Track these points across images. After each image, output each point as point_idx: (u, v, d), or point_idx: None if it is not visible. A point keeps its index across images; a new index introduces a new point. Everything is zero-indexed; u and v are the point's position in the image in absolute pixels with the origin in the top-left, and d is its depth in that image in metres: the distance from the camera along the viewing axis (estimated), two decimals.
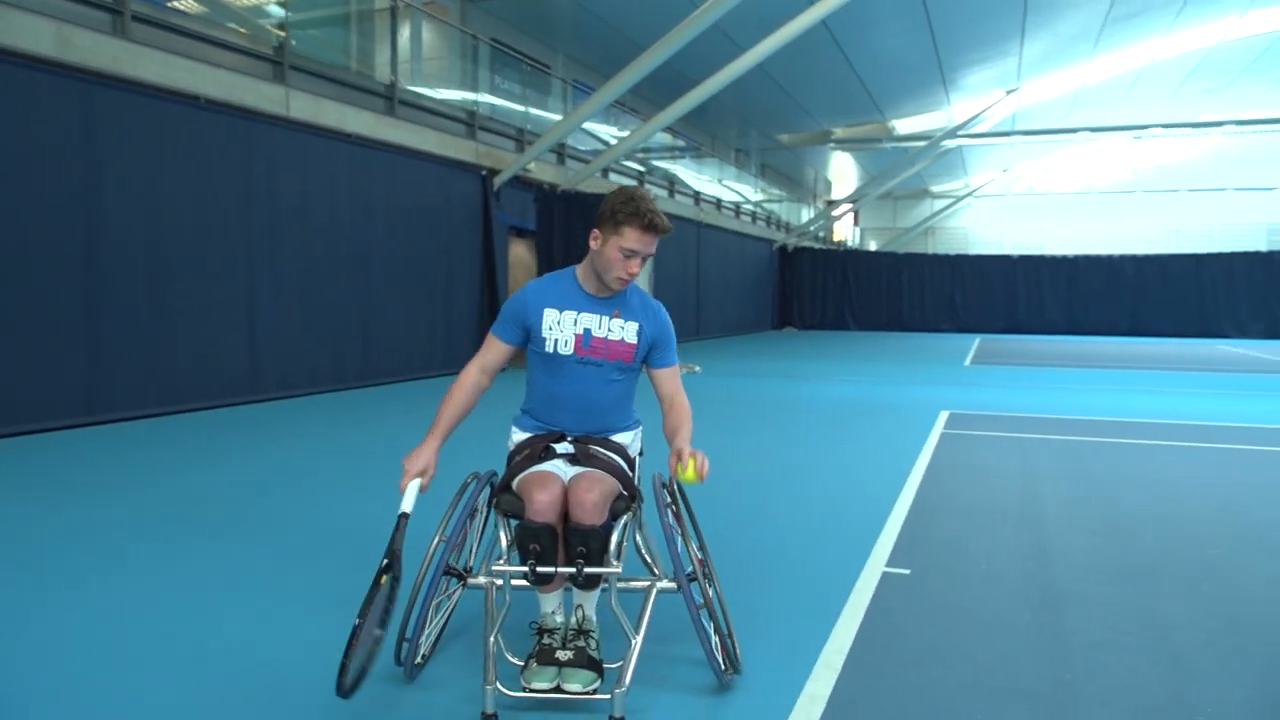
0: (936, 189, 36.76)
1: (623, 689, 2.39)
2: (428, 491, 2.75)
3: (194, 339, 8.19)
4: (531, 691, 2.48)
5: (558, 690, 2.48)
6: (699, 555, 2.69)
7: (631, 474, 2.76)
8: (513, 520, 2.66)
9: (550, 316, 2.75)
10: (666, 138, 20.38)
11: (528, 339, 2.80)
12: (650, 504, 2.86)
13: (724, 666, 2.59)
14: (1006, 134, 25.72)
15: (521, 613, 2.91)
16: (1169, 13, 19.73)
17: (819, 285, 27.60)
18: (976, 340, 22.63)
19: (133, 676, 2.76)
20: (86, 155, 7.23)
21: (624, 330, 2.76)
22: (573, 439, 2.77)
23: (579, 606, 2.63)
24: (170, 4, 8.72)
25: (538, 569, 2.49)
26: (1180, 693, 2.74)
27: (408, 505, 2.68)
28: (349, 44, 11.11)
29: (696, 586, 2.58)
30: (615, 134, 17.05)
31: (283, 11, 9.76)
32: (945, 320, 26.88)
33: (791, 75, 19.46)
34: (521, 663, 2.61)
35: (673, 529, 2.57)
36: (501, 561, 2.58)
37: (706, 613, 2.55)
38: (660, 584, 2.75)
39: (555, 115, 15.33)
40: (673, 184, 20.20)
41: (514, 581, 2.66)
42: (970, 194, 35.62)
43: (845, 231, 37.44)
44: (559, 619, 2.65)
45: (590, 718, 2.49)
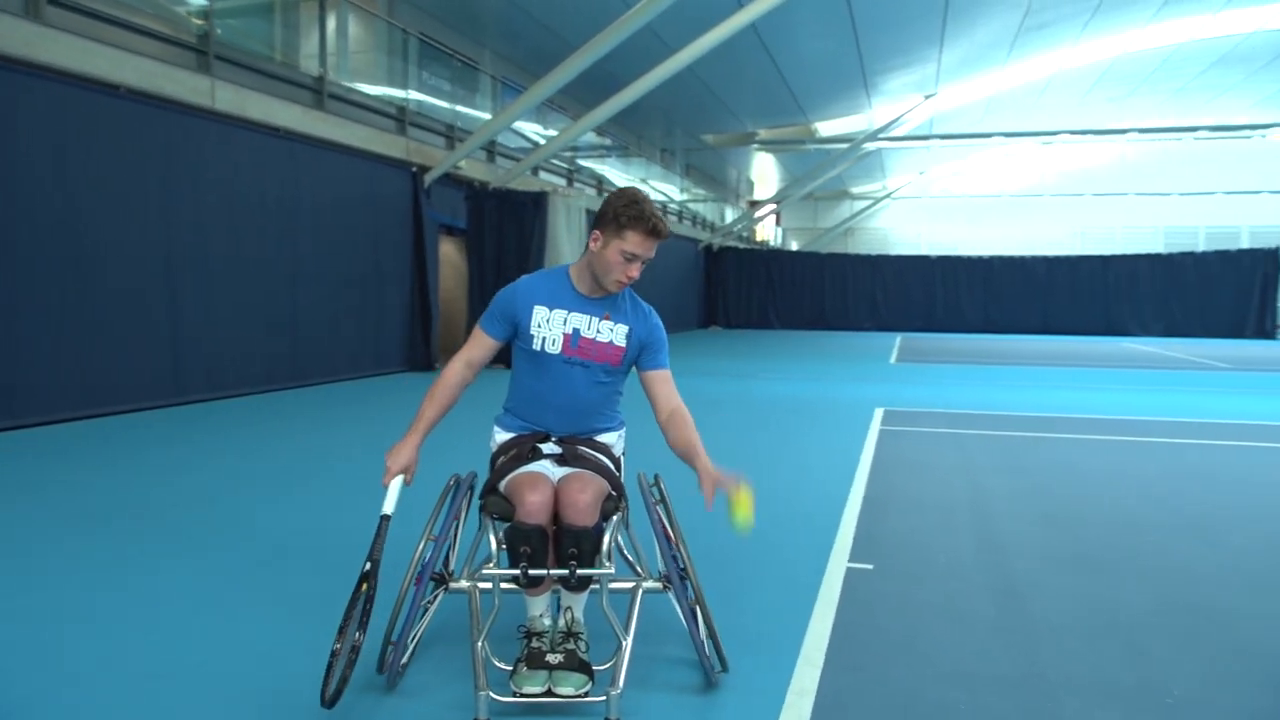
0: (856, 190, 37.53)
1: (617, 690, 2.36)
2: (410, 485, 2.71)
3: (113, 339, 7.81)
4: (523, 696, 2.43)
5: (549, 694, 2.44)
6: (688, 555, 2.67)
7: (618, 474, 2.73)
8: (500, 522, 2.60)
9: (539, 314, 2.70)
10: (593, 136, 20.33)
11: (514, 335, 2.74)
12: (635, 504, 2.84)
13: (718, 665, 2.58)
14: (925, 138, 26.42)
15: (503, 616, 2.85)
16: (1077, 24, 20.56)
17: (744, 284, 27.91)
18: (898, 338, 23.19)
19: (99, 696, 2.61)
20: None
21: (613, 333, 2.73)
22: (557, 439, 2.72)
23: (567, 609, 2.59)
24: None
25: (530, 571, 2.44)
26: (1146, 676, 2.84)
27: (389, 506, 2.64)
28: (276, 34, 10.76)
29: (689, 586, 2.57)
30: (541, 132, 16.94)
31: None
32: (867, 319, 27.47)
33: (718, 76, 19.62)
34: (509, 667, 2.56)
35: (663, 528, 2.55)
36: (491, 564, 2.52)
37: (699, 611, 2.54)
38: (646, 584, 2.73)
39: (484, 112, 15.15)
40: (601, 183, 20.17)
41: (502, 585, 2.62)
42: (888, 195, 36.47)
43: (768, 231, 37.95)
44: (546, 622, 2.61)
45: None
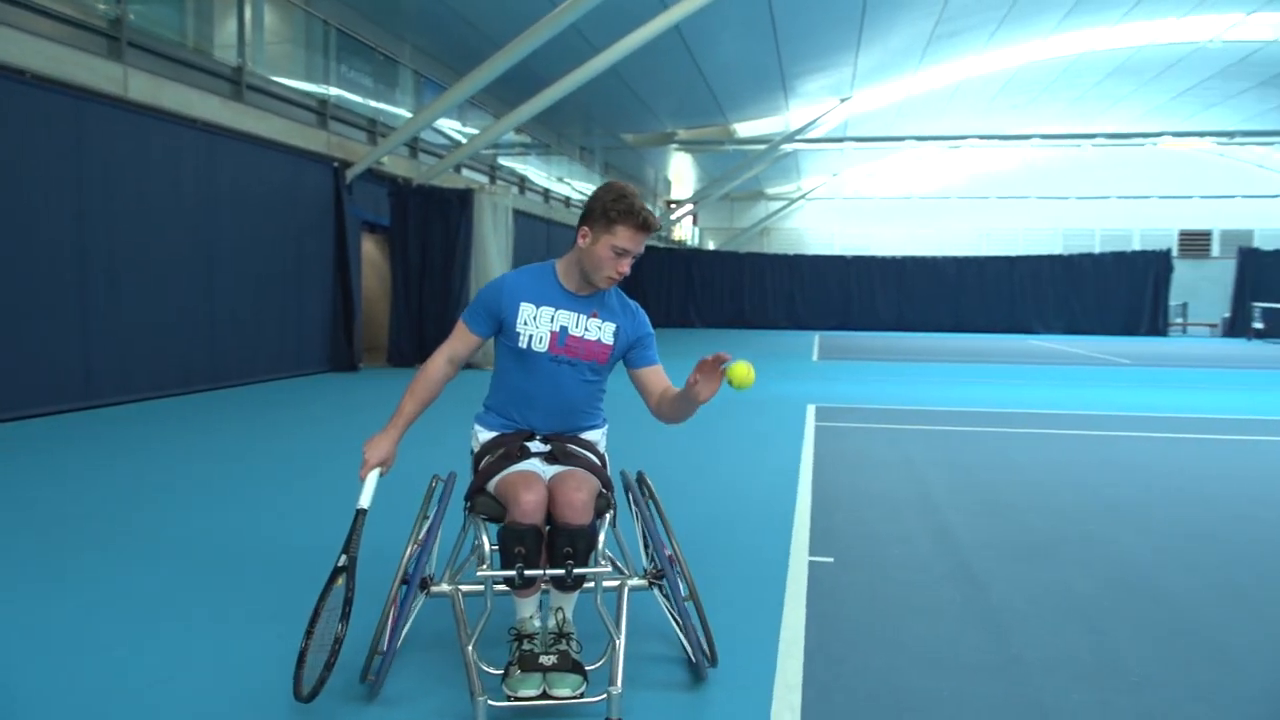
0: (771, 191, 38.11)
1: (618, 690, 2.34)
2: (386, 475, 2.67)
3: (18, 339, 7.38)
4: (518, 700, 2.38)
5: (545, 697, 2.39)
6: (679, 550, 2.65)
7: (606, 472, 2.70)
8: (490, 523, 2.54)
9: (526, 311, 2.65)
10: (513, 134, 20.13)
11: (499, 332, 2.68)
12: (620, 502, 2.82)
13: (709, 660, 2.58)
14: (840, 140, 26.99)
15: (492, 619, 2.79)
16: (985, 33, 21.31)
17: (664, 284, 28.07)
18: (816, 336, 23.65)
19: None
20: None
21: (601, 331, 2.69)
22: (543, 437, 2.67)
23: (558, 609, 2.55)
24: None
25: (526, 572, 2.38)
26: (1109, 657, 2.95)
27: (366, 500, 2.60)
28: (189, 22, 10.33)
29: (681, 581, 2.56)
30: (460, 129, 16.71)
31: None
32: (784, 318, 27.93)
33: (640, 76, 19.67)
34: (498, 671, 2.50)
35: (654, 522, 2.54)
36: (485, 567, 2.46)
37: (691, 606, 2.53)
38: (632, 581, 2.71)
39: (405, 108, 14.85)
40: (523, 181, 19.99)
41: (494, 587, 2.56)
42: (803, 196, 37.15)
43: (685, 231, 38.24)
44: (537, 623, 2.56)
45: None
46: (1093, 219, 33.61)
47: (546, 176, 22.29)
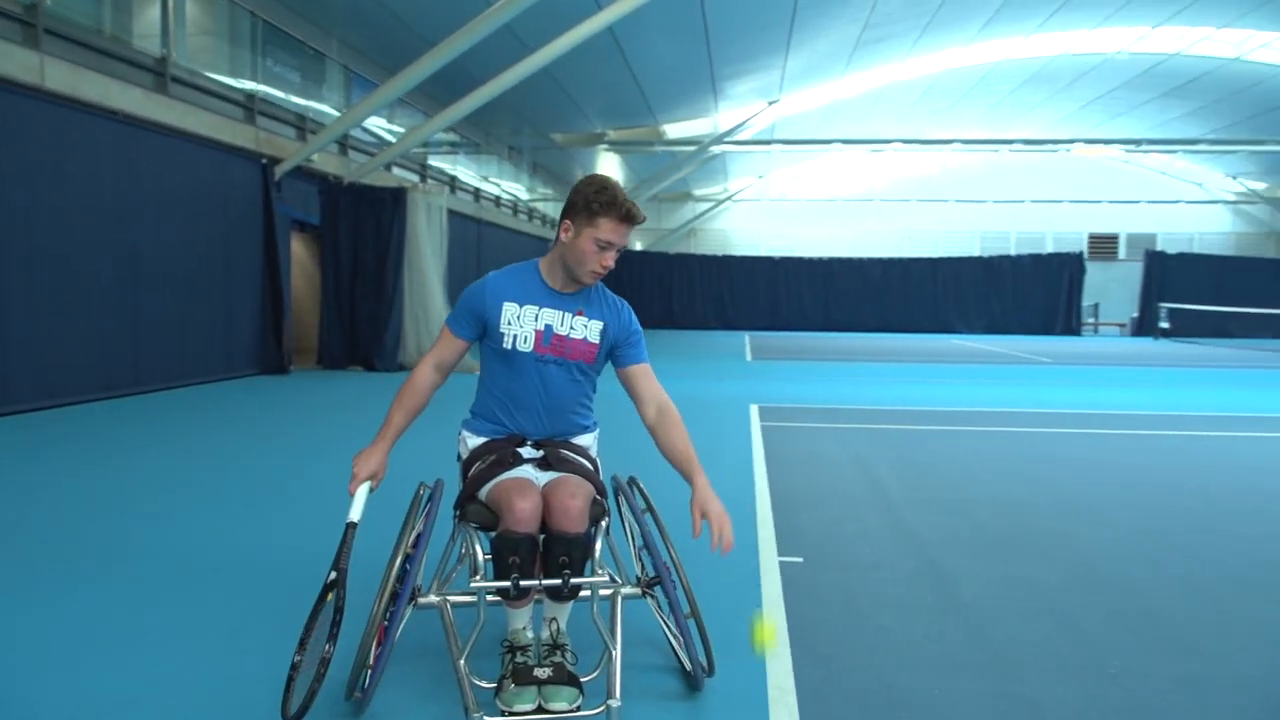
0: (698, 192, 38.34)
1: (618, 702, 2.28)
2: (376, 489, 2.58)
3: None
4: (513, 715, 2.30)
5: (540, 710, 2.32)
6: (676, 557, 2.61)
7: (600, 477, 2.64)
8: (483, 532, 2.46)
9: (509, 311, 2.58)
10: (442, 133, 19.82)
11: (483, 334, 2.60)
12: (612, 508, 2.76)
13: (706, 670, 2.54)
14: (768, 142, 27.29)
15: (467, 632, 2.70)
16: (909, 40, 21.81)
17: None
18: (746, 337, 23.88)
19: None
20: None
21: (587, 329, 2.63)
22: (534, 442, 2.60)
23: (552, 620, 2.48)
24: None
25: (522, 582, 2.31)
26: (1086, 650, 3.01)
27: (356, 513, 2.51)
28: (110, 9, 9.86)
29: (679, 591, 2.51)
30: (387, 126, 16.37)
31: None
32: (714, 318, 28.14)
33: (571, 76, 19.57)
34: (491, 685, 2.43)
35: (651, 533, 2.49)
36: (479, 577, 2.37)
37: (688, 613, 2.49)
38: (625, 590, 2.66)
39: (334, 104, 14.48)
40: (453, 181, 19.70)
41: (468, 598, 2.48)
42: (730, 198, 37.47)
43: None
44: (529, 635, 2.49)
45: None
46: (1008, 222, 34.69)
47: (475, 176, 22.00)
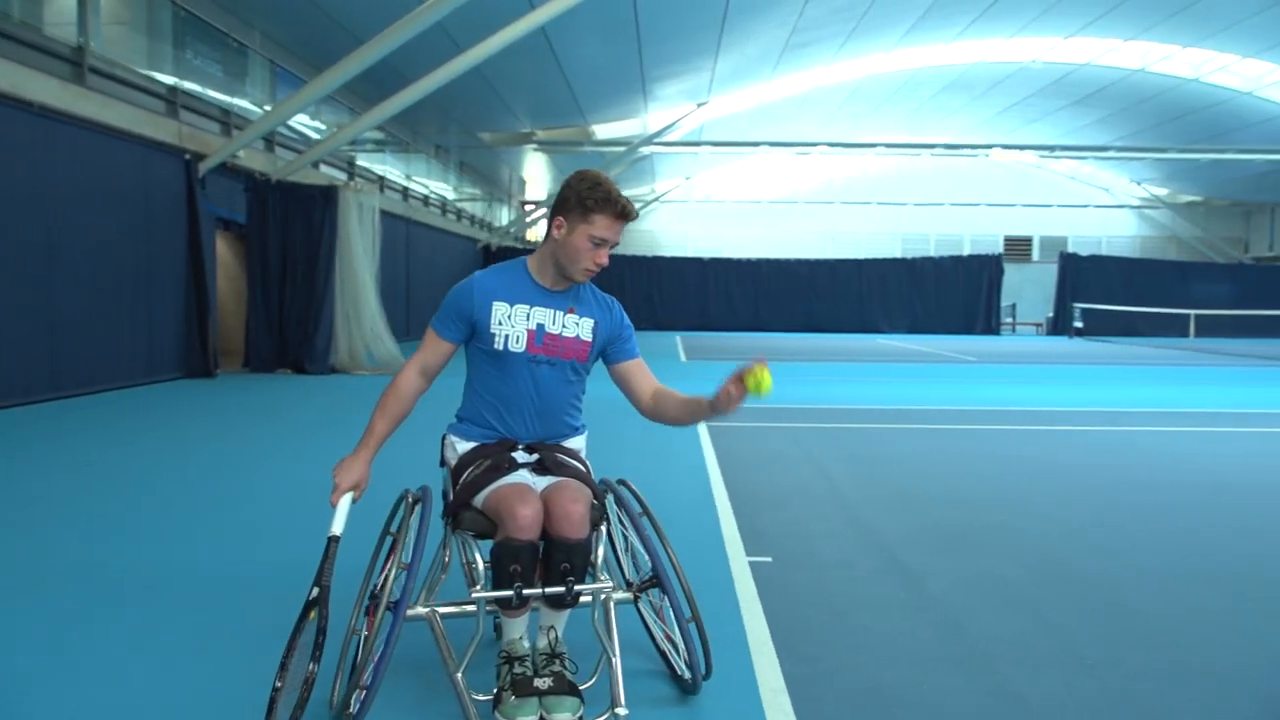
0: (625, 193, 38.14)
1: (625, 710, 2.24)
2: (359, 500, 2.47)
3: None
4: None
5: None
6: (676, 560, 2.57)
7: (594, 481, 2.59)
8: (480, 540, 2.39)
9: (499, 311, 2.51)
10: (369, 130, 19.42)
11: (471, 336, 2.53)
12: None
13: (706, 671, 2.51)
14: (697, 144, 27.48)
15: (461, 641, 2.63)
16: (834, 45, 22.23)
17: None
18: (677, 337, 23.99)
19: None
20: None
21: (579, 327, 2.58)
22: (526, 446, 2.54)
23: (550, 628, 2.42)
24: None
25: (525, 591, 2.25)
26: (1061, 642, 3.08)
27: (338, 526, 2.39)
28: None
29: (681, 591, 2.48)
30: (308, 123, 15.96)
31: None
32: (644, 318, 28.16)
33: (502, 75, 19.38)
34: (487, 698, 2.36)
35: (650, 536, 2.45)
36: (478, 587, 2.30)
37: (689, 617, 2.46)
38: (617, 595, 2.61)
39: (259, 99, 14.04)
40: (382, 179, 19.31)
41: (461, 608, 2.41)
42: (657, 199, 37.62)
43: (539, 232, 37.98)
44: (526, 644, 2.43)
45: None
46: (928, 224, 35.66)
47: (403, 175, 21.61)
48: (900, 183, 34.77)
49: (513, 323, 2.51)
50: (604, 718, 2.28)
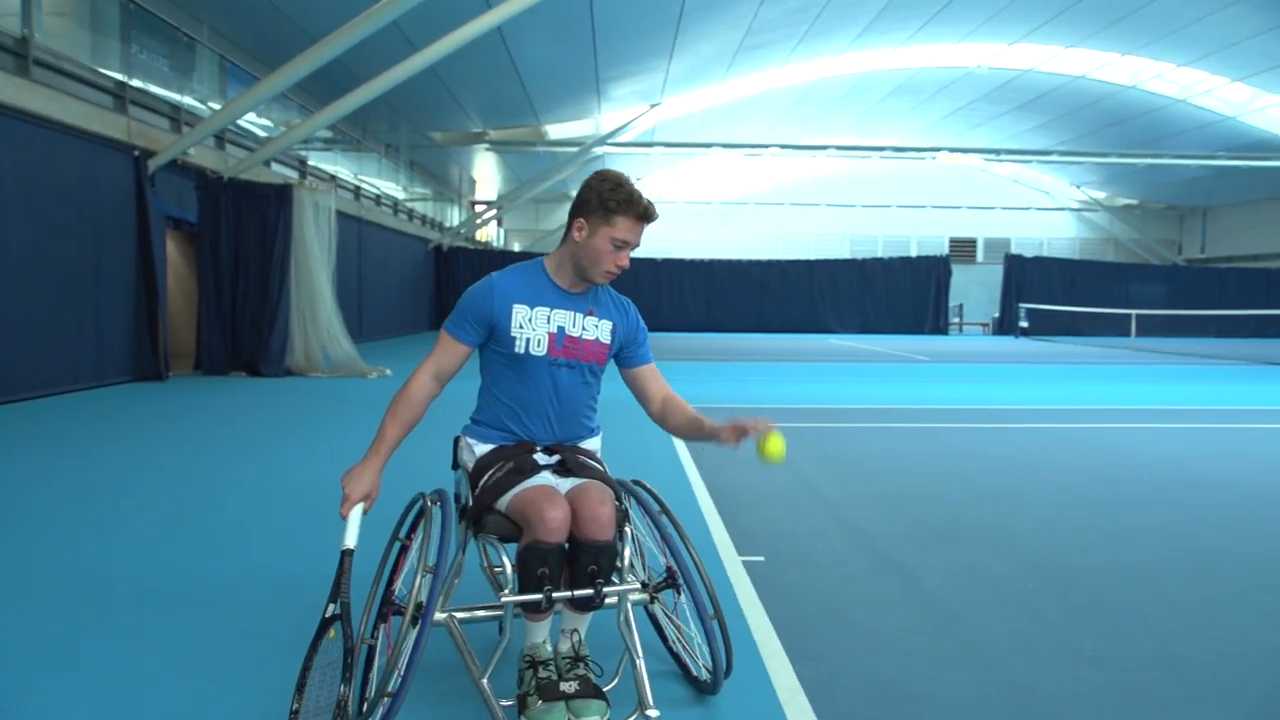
0: (574, 193, 38.35)
1: (655, 712, 2.23)
2: (370, 511, 2.41)
3: None
4: None
5: None
6: (698, 558, 2.56)
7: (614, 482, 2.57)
8: (505, 544, 2.35)
9: (520, 313, 2.48)
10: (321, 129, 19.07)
11: (488, 339, 2.49)
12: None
13: (727, 670, 2.51)
14: (649, 145, 27.52)
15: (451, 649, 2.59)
16: (786, 48, 22.44)
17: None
18: None
19: None
20: None
21: (598, 329, 2.56)
22: (544, 448, 2.51)
23: (573, 631, 2.40)
24: None
25: (554, 594, 2.22)
26: (1059, 636, 3.15)
27: (351, 539, 2.31)
28: None
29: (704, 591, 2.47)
30: (255, 120, 15.62)
31: None
32: None
33: (455, 73, 19.20)
34: (510, 703, 2.33)
35: (671, 535, 2.44)
36: (506, 591, 2.26)
37: (713, 614, 2.45)
38: (634, 596, 2.60)
39: (209, 94, 13.71)
40: (334, 177, 18.99)
41: (477, 613, 2.38)
42: None
43: (490, 233, 37.69)
44: (549, 648, 2.40)
45: None
46: (876, 226, 36.18)
47: (353, 174, 21.27)
48: (849, 185, 35.23)
49: (533, 326, 2.48)
50: (633, 717, 2.26)
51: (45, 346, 9.11)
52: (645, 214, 2.47)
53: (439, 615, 2.44)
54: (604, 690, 2.35)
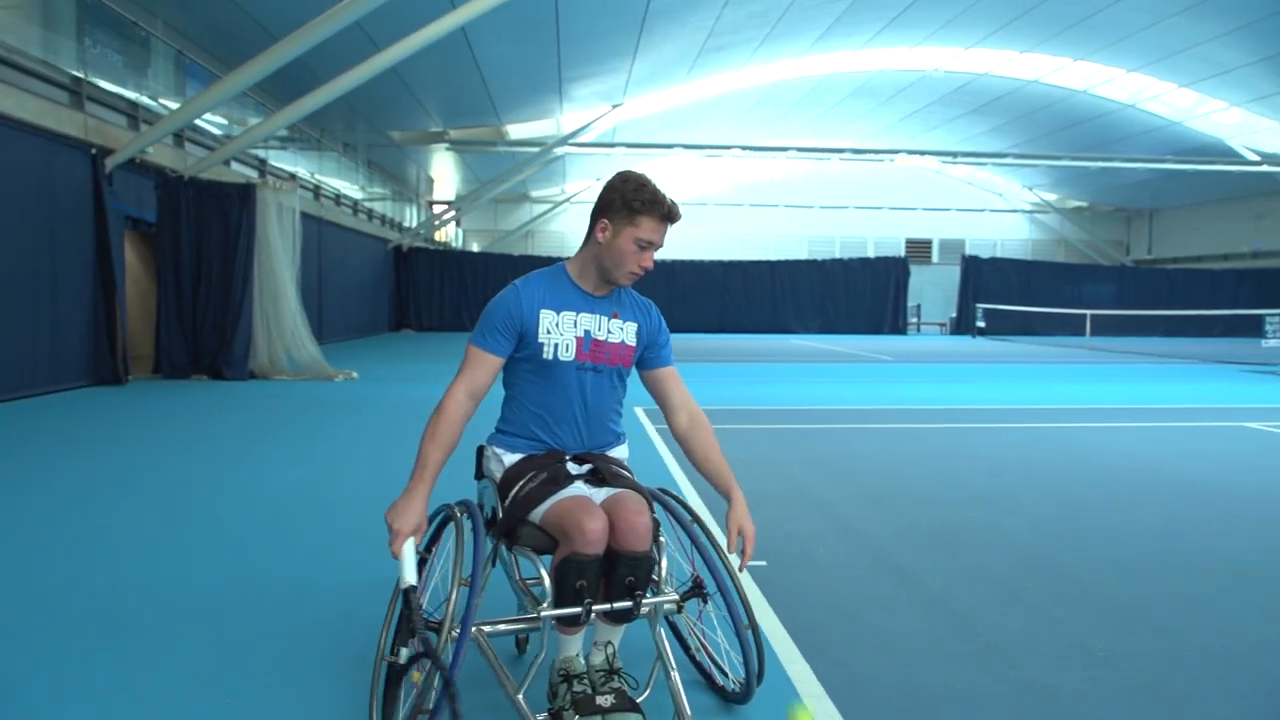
0: (536, 194, 38.14)
1: None
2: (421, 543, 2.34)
3: None
4: None
5: None
6: (731, 567, 2.53)
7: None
8: (540, 556, 2.30)
9: (547, 319, 2.43)
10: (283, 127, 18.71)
11: (516, 348, 2.43)
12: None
13: (759, 679, 2.49)
14: (610, 145, 27.47)
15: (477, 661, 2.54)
16: (748, 49, 22.56)
17: (436, 286, 27.30)
18: None
19: None
20: None
21: (624, 331, 2.53)
22: (573, 456, 2.47)
23: (607, 643, 2.36)
24: None
25: (595, 607, 2.18)
26: (1067, 635, 3.18)
27: (411, 576, 2.17)
28: None
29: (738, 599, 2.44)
30: (214, 119, 15.28)
31: None
32: None
33: (416, 73, 18.99)
34: (544, 717, 2.28)
35: (707, 546, 2.42)
36: (544, 605, 2.21)
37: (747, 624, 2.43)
38: (656, 601, 2.56)
39: (167, 91, 13.38)
40: (294, 176, 18.65)
41: (499, 626, 2.33)
42: (568, 200, 37.50)
43: (448, 233, 37.35)
44: (583, 662, 2.35)
45: None
46: (833, 227, 36.57)
47: (309, 173, 20.90)
48: (807, 186, 35.56)
49: (561, 331, 2.44)
50: None
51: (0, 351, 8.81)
52: (669, 214, 2.44)
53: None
54: (638, 702, 2.32)
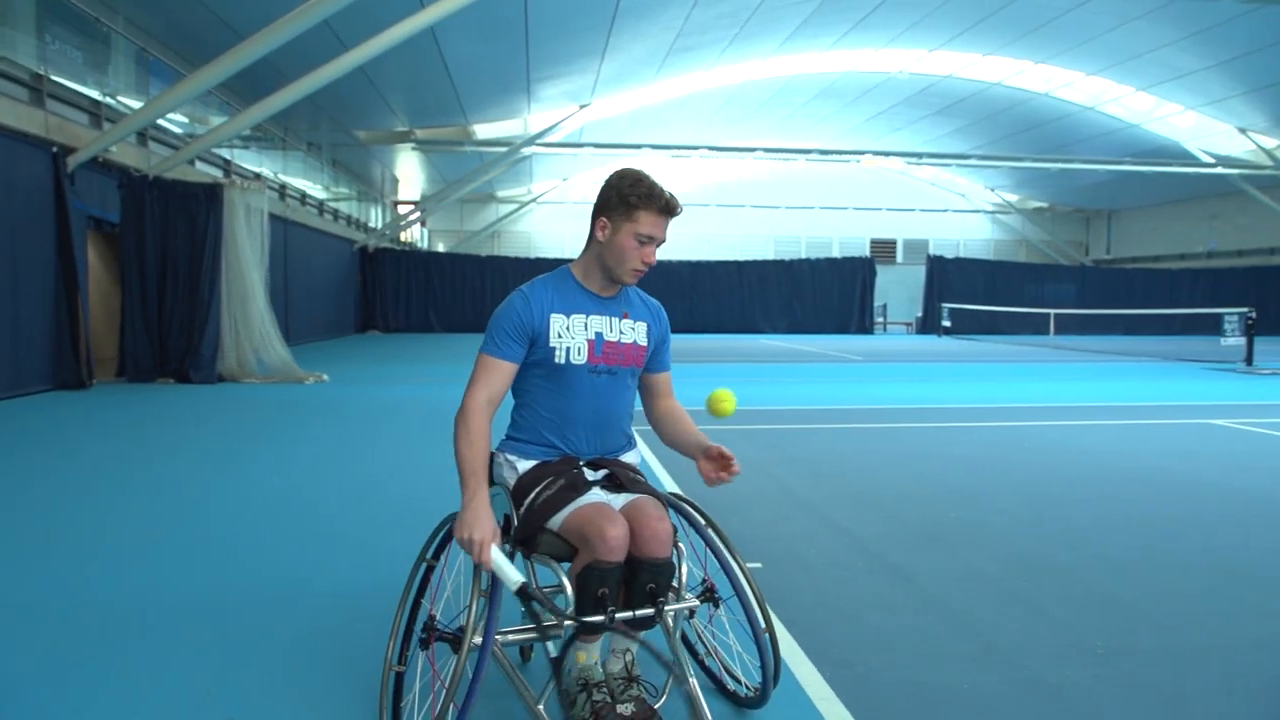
0: (502, 194, 37.93)
1: None
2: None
3: None
4: None
5: None
6: (747, 571, 2.52)
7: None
8: (560, 564, 2.28)
9: (558, 323, 2.40)
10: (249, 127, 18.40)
11: (526, 353, 2.40)
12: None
13: (775, 682, 2.48)
14: (578, 145, 27.41)
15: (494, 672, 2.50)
16: (716, 50, 22.62)
17: (403, 287, 27.06)
18: None
19: None
20: None
21: (635, 331, 2.51)
22: (587, 462, 2.44)
23: (625, 650, 2.34)
24: None
25: (617, 615, 2.16)
26: (1069, 634, 3.21)
27: (515, 575, 2.12)
28: None
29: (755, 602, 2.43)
30: (177, 118, 15.00)
31: None
32: None
33: (383, 71, 18.78)
34: None
35: (722, 550, 2.40)
36: (570, 612, 2.19)
37: (764, 629, 2.42)
38: (678, 607, 2.54)
39: (128, 88, 13.10)
40: (259, 176, 18.37)
41: (508, 636, 2.30)
42: (534, 200, 37.34)
43: (414, 233, 37.02)
44: (601, 670, 2.33)
45: None
46: (800, 227, 36.80)
47: (273, 173, 20.60)
48: (773, 187, 35.74)
49: (572, 334, 2.41)
50: None
51: None
52: (668, 207, 2.41)
53: (477, 639, 2.35)
54: (657, 709, 2.30)
